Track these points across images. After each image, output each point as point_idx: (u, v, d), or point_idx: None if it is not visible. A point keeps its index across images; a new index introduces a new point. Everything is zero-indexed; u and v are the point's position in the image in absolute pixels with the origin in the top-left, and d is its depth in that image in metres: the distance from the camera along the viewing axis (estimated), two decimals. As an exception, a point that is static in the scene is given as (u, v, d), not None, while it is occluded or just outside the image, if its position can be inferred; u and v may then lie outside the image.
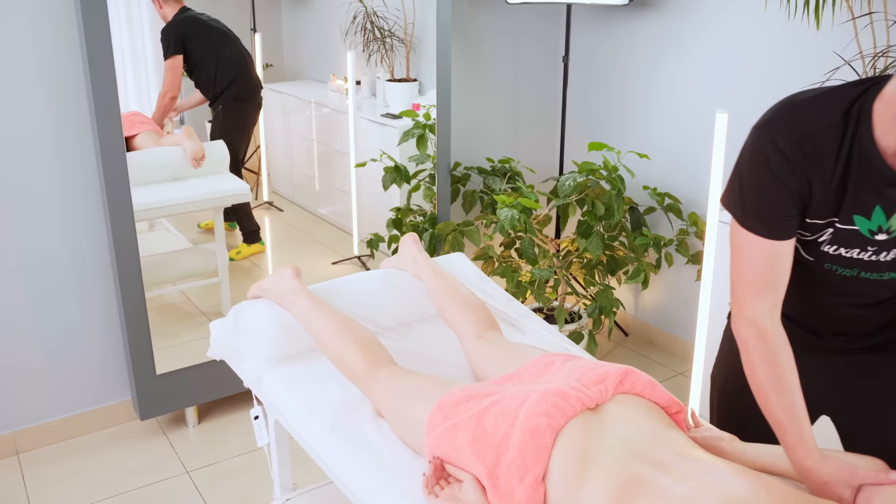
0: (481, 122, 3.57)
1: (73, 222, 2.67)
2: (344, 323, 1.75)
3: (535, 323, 2.04)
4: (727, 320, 1.63)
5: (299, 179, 3.78)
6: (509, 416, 1.36)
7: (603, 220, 2.99)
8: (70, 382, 2.80)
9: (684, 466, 1.24)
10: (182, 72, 3.07)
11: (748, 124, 2.88)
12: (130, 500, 2.52)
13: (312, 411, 1.66)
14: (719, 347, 1.68)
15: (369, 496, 1.44)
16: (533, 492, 1.27)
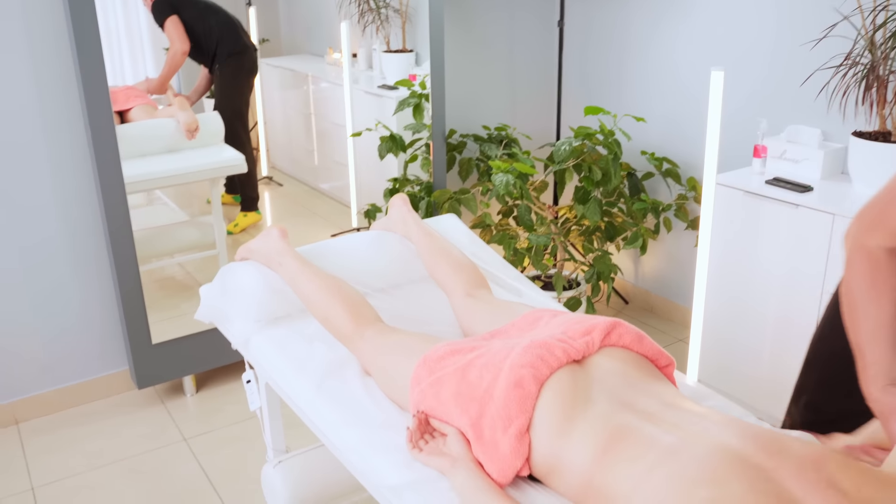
0: (477, 90, 3.53)
1: (66, 196, 2.66)
2: (331, 282, 1.73)
3: (526, 286, 2.02)
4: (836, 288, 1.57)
5: (298, 154, 3.76)
6: (494, 368, 1.35)
7: (600, 185, 2.96)
8: (68, 353, 2.80)
9: (672, 416, 1.23)
10: (184, 28, 3.07)
11: (744, 82, 2.84)
12: (129, 468, 2.53)
13: (300, 370, 1.65)
14: (824, 314, 1.64)
15: (355, 452, 1.43)
16: (517, 443, 1.26)
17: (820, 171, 2.54)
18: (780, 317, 2.50)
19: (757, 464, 1.08)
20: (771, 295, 2.51)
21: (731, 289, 2.62)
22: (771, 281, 2.50)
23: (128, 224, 2.64)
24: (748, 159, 2.88)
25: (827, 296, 2.35)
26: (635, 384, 1.31)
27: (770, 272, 2.50)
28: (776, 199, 2.43)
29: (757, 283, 2.54)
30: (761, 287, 2.53)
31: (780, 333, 2.51)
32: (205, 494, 2.40)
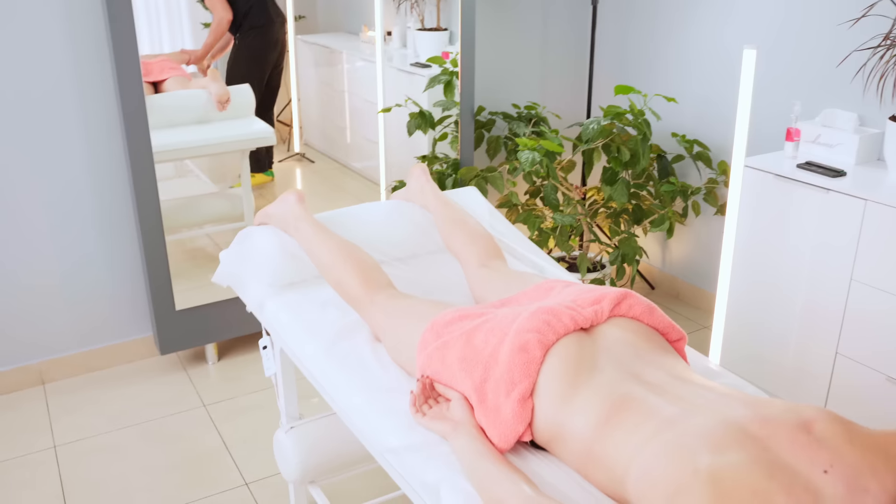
0: (508, 68, 3.50)
1: (97, 164, 2.70)
2: (345, 247, 1.73)
3: (543, 259, 2.00)
4: None
5: (331, 131, 3.76)
6: (499, 332, 1.33)
7: (628, 166, 2.91)
8: (94, 317, 2.85)
9: (678, 389, 1.20)
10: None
11: (778, 63, 2.77)
12: (148, 430, 2.56)
13: (311, 334, 1.65)
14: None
15: (359, 414, 1.43)
16: (520, 407, 1.24)
17: (855, 157, 2.47)
18: (807, 304, 2.45)
19: (753, 433, 1.07)
20: (799, 282, 2.46)
21: (757, 274, 2.57)
22: (799, 267, 2.45)
23: (155, 192, 2.67)
24: (781, 143, 2.81)
25: (856, 283, 2.30)
26: (643, 356, 1.29)
27: (798, 258, 2.44)
28: (807, 183, 2.37)
29: (784, 270, 2.49)
30: (789, 273, 2.48)
31: (808, 321, 2.45)
32: (220, 459, 2.42)
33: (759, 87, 2.87)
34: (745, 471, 1.00)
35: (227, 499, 2.26)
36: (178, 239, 3.05)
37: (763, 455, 1.03)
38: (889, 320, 2.23)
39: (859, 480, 1.01)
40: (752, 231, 2.56)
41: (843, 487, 1.00)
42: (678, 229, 3.37)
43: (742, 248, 2.59)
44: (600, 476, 1.17)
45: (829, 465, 1.02)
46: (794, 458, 1.03)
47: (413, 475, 1.27)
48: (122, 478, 2.34)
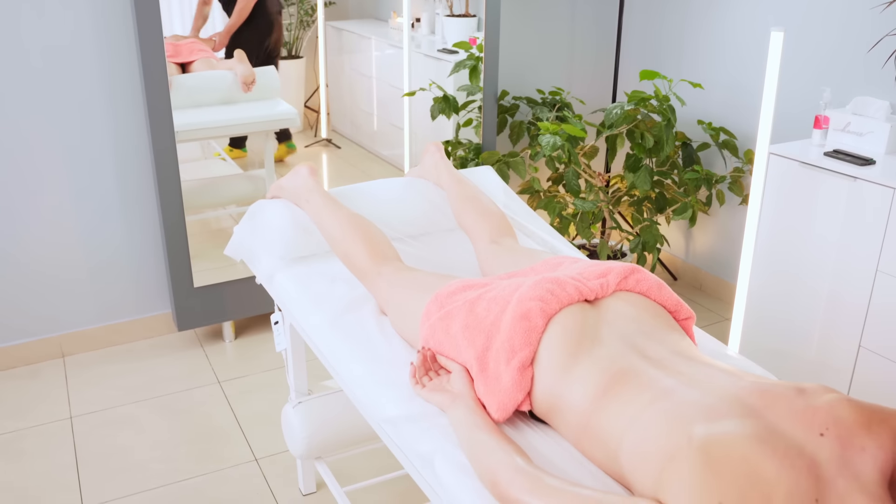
0: (535, 53, 3.47)
1: (120, 143, 2.72)
2: (354, 220, 1.72)
3: (558, 241, 1.97)
4: None
5: (358, 118, 3.76)
6: (502, 301, 1.31)
7: (652, 153, 2.87)
8: (114, 292, 2.87)
9: (679, 365, 1.18)
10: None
11: (808, 48, 2.71)
12: (162, 404, 2.58)
13: (317, 306, 1.65)
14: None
15: (359, 385, 1.42)
16: (519, 375, 1.22)
17: (885, 146, 2.40)
18: (831, 296, 2.39)
19: (750, 403, 1.04)
20: (823, 273, 2.40)
21: (780, 264, 2.52)
22: (823, 258, 2.39)
23: (176, 170, 2.68)
24: (809, 131, 2.75)
25: (882, 275, 2.23)
26: (647, 331, 1.26)
27: (823, 249, 2.39)
28: (834, 171, 2.31)
29: (808, 260, 2.43)
30: (813, 264, 2.42)
31: (831, 313, 2.39)
32: (231, 434, 2.43)
33: (788, 72, 2.80)
34: (737, 438, 0.97)
35: (236, 473, 2.26)
36: (201, 219, 3.07)
37: (758, 423, 1.00)
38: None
39: (855, 440, 0.98)
40: (775, 220, 2.51)
41: (840, 447, 0.97)
42: (702, 219, 3.32)
43: (765, 238, 2.54)
44: (596, 451, 1.15)
45: (824, 427, 0.99)
46: (791, 424, 1.01)
47: (409, 446, 1.25)
48: (134, 449, 2.36)
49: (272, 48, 3.29)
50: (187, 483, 2.22)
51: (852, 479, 0.96)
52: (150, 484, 2.22)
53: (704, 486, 0.93)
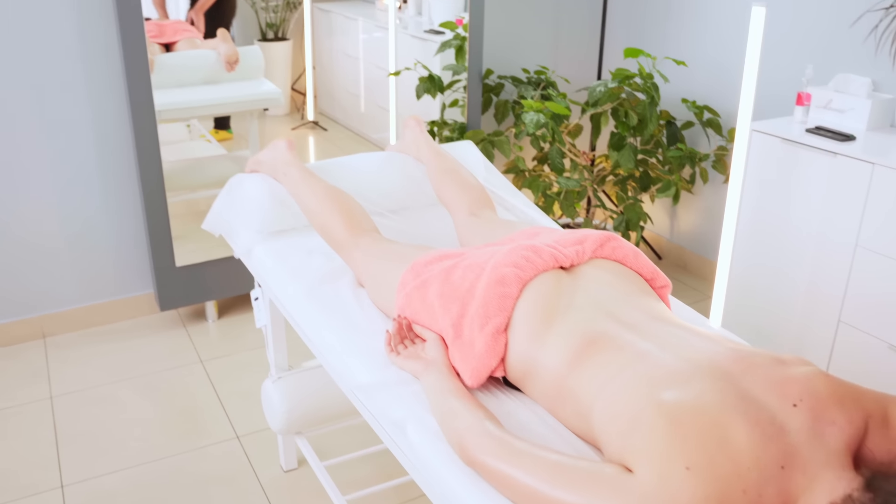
0: (520, 32, 3.45)
1: (101, 123, 2.70)
2: (331, 192, 1.71)
3: (539, 214, 1.96)
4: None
5: (345, 100, 3.74)
6: (478, 268, 1.31)
7: (636, 132, 2.86)
8: (96, 273, 2.85)
9: (655, 329, 1.17)
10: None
11: (791, 26, 2.70)
12: (143, 384, 2.57)
13: (294, 277, 1.64)
14: None
15: (334, 353, 1.41)
16: (493, 341, 1.22)
17: (866, 122, 2.40)
18: (812, 272, 2.39)
19: (725, 368, 1.04)
20: (804, 249, 2.40)
21: (762, 240, 2.52)
22: (805, 234, 2.39)
23: (156, 150, 2.66)
24: (792, 109, 2.74)
25: (861, 250, 2.24)
26: (623, 297, 1.25)
27: (804, 225, 2.39)
28: (815, 147, 2.31)
29: (790, 236, 2.44)
30: (794, 240, 2.42)
31: (812, 289, 2.40)
32: (213, 412, 2.42)
33: (771, 50, 2.80)
34: (707, 403, 0.97)
35: (217, 451, 2.26)
36: (186, 200, 3.05)
37: (731, 388, 1.00)
38: (892, 287, 2.18)
39: (827, 413, 0.98)
40: (758, 197, 2.51)
41: (811, 419, 0.97)
42: (686, 199, 3.32)
43: (747, 215, 2.54)
44: (568, 413, 1.14)
45: (798, 398, 0.99)
46: (765, 391, 1.01)
47: (381, 412, 1.25)
48: (115, 428, 2.35)
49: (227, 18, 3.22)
50: (168, 461, 2.22)
51: (819, 450, 0.96)
52: (131, 462, 2.21)
53: (671, 450, 0.93)
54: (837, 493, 0.91)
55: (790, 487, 0.94)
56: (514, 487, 1.02)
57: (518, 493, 1.02)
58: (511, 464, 1.03)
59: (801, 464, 0.94)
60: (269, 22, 3.39)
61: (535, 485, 1.00)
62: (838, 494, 0.91)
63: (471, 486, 1.06)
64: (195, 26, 3.07)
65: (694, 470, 0.91)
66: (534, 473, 1.00)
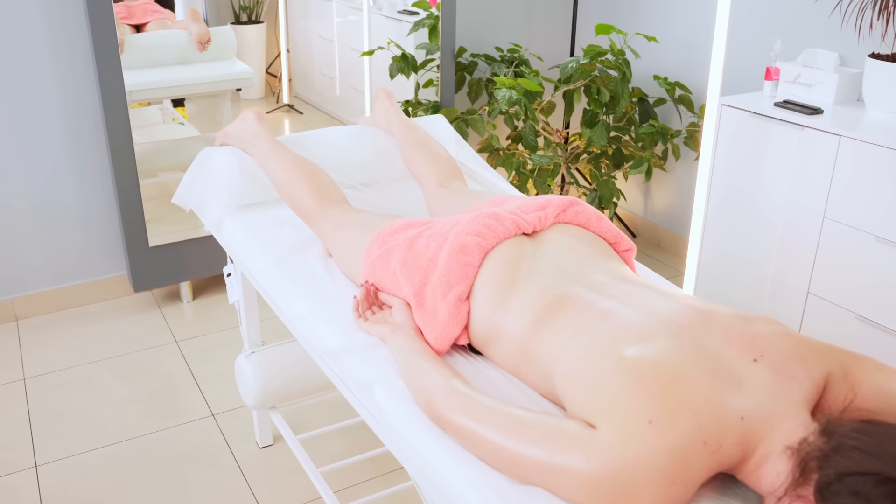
0: (493, 10, 3.45)
1: (70, 104, 2.67)
2: (300, 163, 1.71)
3: (509, 188, 1.97)
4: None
5: (320, 83, 3.73)
6: (441, 237, 1.32)
7: (609, 109, 2.88)
8: (69, 254, 2.83)
9: (617, 288, 1.19)
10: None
11: (762, 3, 2.72)
12: (118, 364, 2.56)
13: (264, 248, 1.64)
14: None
15: (303, 321, 1.42)
16: (455, 309, 1.23)
17: (833, 96, 2.43)
18: (782, 245, 2.42)
19: (687, 324, 1.05)
20: (774, 222, 2.43)
21: (733, 215, 2.55)
22: (775, 207, 2.42)
23: (128, 130, 2.65)
24: (761, 84, 2.77)
25: (828, 221, 2.27)
26: (585, 260, 1.27)
27: (774, 198, 2.42)
28: (783, 120, 2.34)
29: (760, 210, 2.46)
30: (765, 213, 2.45)
31: (783, 261, 2.43)
32: (188, 391, 2.42)
33: (740, 26, 2.82)
34: (669, 358, 0.98)
35: (192, 429, 2.26)
36: (159, 182, 3.03)
37: (692, 343, 1.01)
38: (858, 257, 2.21)
39: (787, 368, 1.00)
40: (728, 171, 2.53)
41: (770, 374, 0.99)
42: (660, 176, 3.34)
43: (718, 189, 2.56)
44: (532, 375, 1.16)
45: (759, 354, 1.01)
46: (726, 346, 1.02)
47: (349, 375, 1.25)
48: (89, 408, 2.34)
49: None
50: (143, 439, 2.22)
51: (778, 402, 0.97)
52: (105, 441, 2.21)
53: (633, 405, 0.95)
54: (794, 439, 0.93)
55: (750, 437, 0.95)
56: (479, 443, 1.03)
57: (483, 448, 1.03)
58: (476, 420, 1.04)
59: (760, 415, 0.96)
60: (242, 5, 3.37)
61: (500, 440, 1.01)
62: (794, 439, 0.93)
63: (438, 442, 1.08)
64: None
65: (656, 423, 0.93)
66: (498, 429, 1.02)
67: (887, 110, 2.31)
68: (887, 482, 0.83)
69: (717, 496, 0.99)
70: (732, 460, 0.95)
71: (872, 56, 2.31)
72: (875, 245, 2.17)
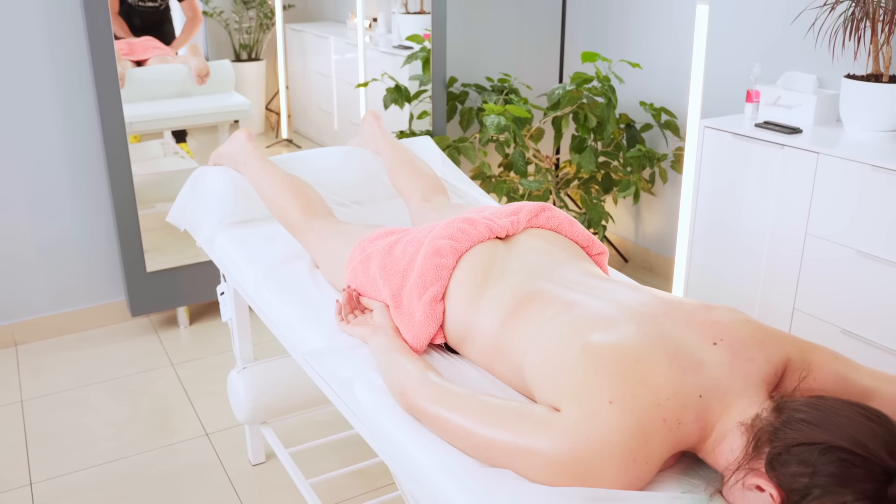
0: (483, 41, 3.54)
1: (72, 133, 2.75)
2: (288, 179, 1.77)
3: (494, 205, 2.03)
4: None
5: (318, 118, 3.82)
6: (417, 242, 1.37)
7: (596, 134, 2.94)
8: (68, 280, 2.89)
9: (587, 284, 1.23)
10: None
11: (735, 20, 2.80)
12: (114, 387, 2.60)
13: (253, 261, 1.69)
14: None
15: (289, 328, 1.46)
16: (430, 309, 1.27)
17: (813, 117, 2.49)
18: (768, 264, 2.47)
19: (649, 313, 1.09)
20: (760, 241, 2.48)
21: (719, 235, 2.59)
22: (759, 226, 2.47)
23: (126, 159, 2.72)
24: (743, 107, 2.84)
25: (811, 238, 2.32)
26: (557, 262, 1.31)
27: (758, 218, 2.47)
28: (763, 140, 2.40)
29: (746, 229, 2.51)
30: (750, 233, 2.50)
31: (770, 280, 2.47)
32: (183, 412, 2.45)
33: (720, 51, 2.90)
34: (630, 343, 1.03)
35: (187, 447, 2.29)
36: (157, 213, 3.09)
37: (654, 329, 1.06)
38: (840, 271, 2.25)
39: (746, 351, 1.04)
40: (712, 193, 2.59)
41: (730, 355, 1.03)
42: (650, 201, 3.40)
43: (703, 210, 2.62)
44: (505, 370, 1.20)
45: (719, 338, 1.05)
46: (686, 332, 1.06)
47: (330, 374, 1.30)
48: (84, 429, 2.38)
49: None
50: (137, 458, 2.24)
51: (736, 382, 1.02)
52: (100, 460, 2.24)
53: (595, 387, 0.99)
54: (748, 415, 0.97)
55: (708, 415, 0.99)
56: (450, 430, 1.07)
57: (454, 435, 1.07)
58: (446, 407, 1.08)
59: (718, 394, 1.00)
60: (242, 43, 3.47)
61: (469, 426, 1.05)
62: (748, 415, 0.97)
63: (413, 432, 1.11)
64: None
65: (616, 403, 0.97)
66: (467, 415, 1.06)
67: (864, 128, 2.38)
68: (832, 450, 0.86)
69: (680, 476, 1.03)
70: (692, 438, 0.99)
71: (848, 77, 2.37)
72: (856, 259, 2.21)
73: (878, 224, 2.15)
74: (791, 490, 0.88)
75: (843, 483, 0.85)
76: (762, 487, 0.90)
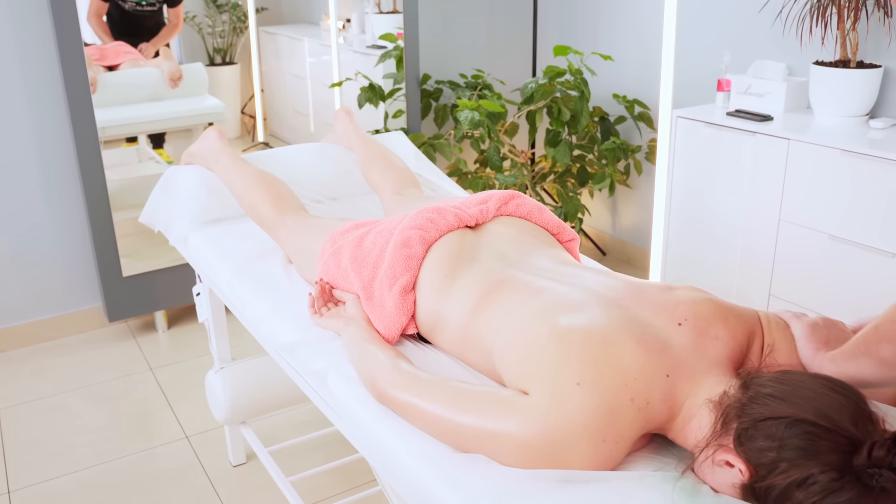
0: (456, 38, 3.55)
1: (43, 139, 2.73)
2: (260, 175, 1.76)
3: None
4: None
5: (294, 120, 3.80)
6: (387, 234, 1.37)
7: (570, 127, 2.96)
8: (43, 287, 2.86)
9: (555, 269, 1.24)
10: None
11: (705, 10, 2.82)
12: (92, 393, 2.58)
13: (226, 258, 1.68)
14: None
15: (263, 323, 1.46)
16: (401, 300, 1.27)
17: (783, 105, 2.52)
18: (744, 251, 2.48)
19: (616, 297, 1.10)
20: (734, 228, 2.50)
21: (694, 224, 2.61)
22: (734, 214, 2.49)
23: (99, 164, 2.70)
24: (714, 96, 2.86)
25: (784, 224, 2.34)
26: (527, 249, 1.32)
27: (732, 205, 2.49)
28: (735, 128, 2.42)
29: (720, 217, 2.53)
30: (724, 221, 2.52)
31: (745, 266, 2.49)
32: (162, 416, 2.44)
33: (690, 41, 2.92)
34: (597, 325, 1.03)
35: (166, 451, 2.27)
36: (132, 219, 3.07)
37: (619, 312, 1.06)
38: (814, 257, 2.28)
39: (711, 329, 1.04)
40: (686, 182, 2.60)
41: (695, 334, 1.04)
42: (626, 194, 3.41)
43: (678, 199, 2.63)
44: (475, 357, 1.20)
45: (684, 318, 1.06)
46: (652, 314, 1.07)
47: (303, 366, 1.29)
48: (64, 435, 2.35)
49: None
50: (117, 462, 2.23)
51: (702, 360, 1.03)
52: (79, 465, 2.22)
53: (563, 369, 0.99)
54: (715, 392, 0.98)
55: (676, 393, 1.00)
56: (420, 417, 1.07)
57: (425, 421, 1.07)
58: (416, 394, 1.08)
59: (685, 372, 1.01)
60: (216, 47, 3.45)
61: (439, 412, 1.05)
62: (716, 393, 0.98)
63: (385, 419, 1.11)
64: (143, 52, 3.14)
65: (584, 384, 0.97)
66: (437, 401, 1.06)
67: (833, 114, 2.40)
68: (798, 423, 0.87)
69: (653, 455, 1.04)
70: (661, 417, 1.00)
71: (817, 63, 2.40)
72: (829, 243, 2.24)
73: (850, 209, 2.17)
74: (759, 464, 0.88)
75: (809, 455, 0.86)
76: (731, 463, 0.91)
